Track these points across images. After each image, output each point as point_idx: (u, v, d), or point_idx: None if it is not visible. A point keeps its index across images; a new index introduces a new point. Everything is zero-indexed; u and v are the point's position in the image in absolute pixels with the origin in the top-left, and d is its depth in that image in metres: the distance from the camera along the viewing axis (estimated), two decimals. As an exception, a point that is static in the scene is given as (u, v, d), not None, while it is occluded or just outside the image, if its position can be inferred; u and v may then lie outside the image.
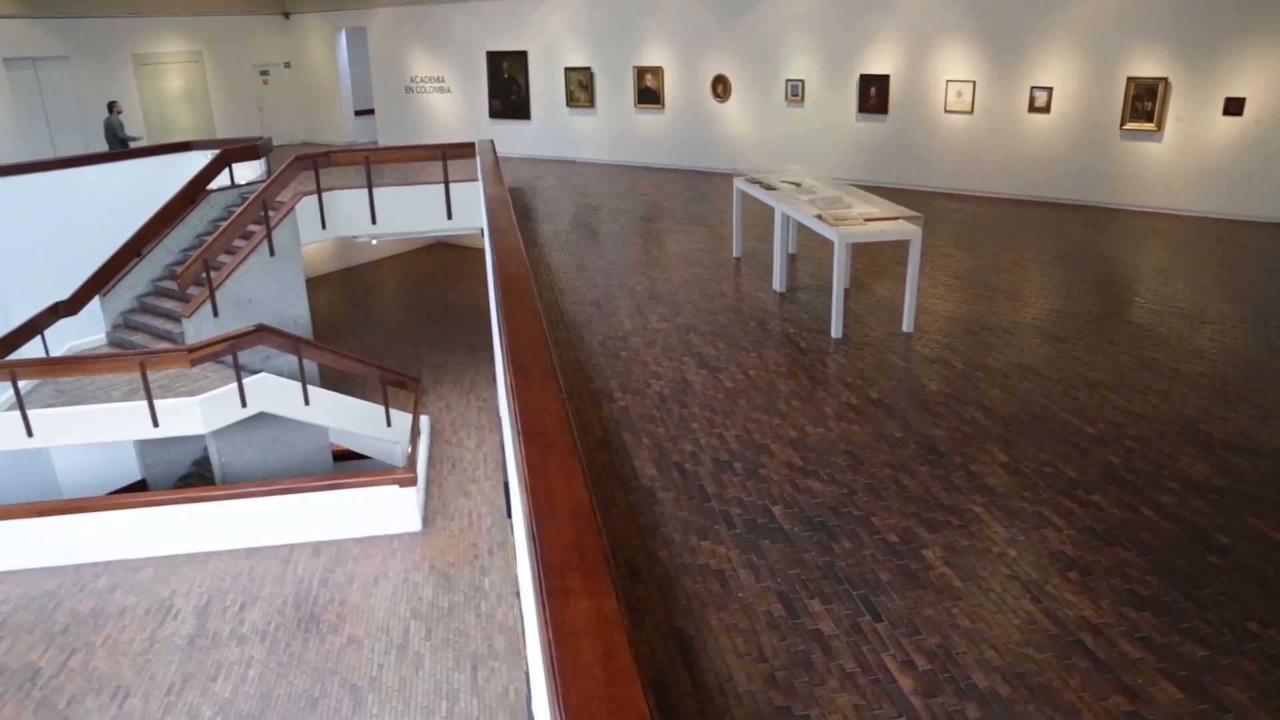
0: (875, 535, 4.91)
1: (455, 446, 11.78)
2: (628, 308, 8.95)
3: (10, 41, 18.20)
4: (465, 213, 13.05)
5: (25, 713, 7.35)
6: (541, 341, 3.98)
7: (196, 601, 8.71)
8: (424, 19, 20.45)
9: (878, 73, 14.49)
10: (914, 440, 5.98)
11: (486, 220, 8.16)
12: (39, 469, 12.57)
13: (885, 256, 10.41)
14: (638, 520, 5.13)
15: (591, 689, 2.00)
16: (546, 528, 2.54)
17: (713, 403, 6.66)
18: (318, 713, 7.21)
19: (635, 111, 17.77)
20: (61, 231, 12.91)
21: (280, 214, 11.70)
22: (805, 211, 8.50)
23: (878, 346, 7.69)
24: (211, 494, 9.71)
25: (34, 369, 9.45)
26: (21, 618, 8.59)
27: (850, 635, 4.14)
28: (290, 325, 11.66)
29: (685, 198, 14.65)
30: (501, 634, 8.04)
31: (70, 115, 19.44)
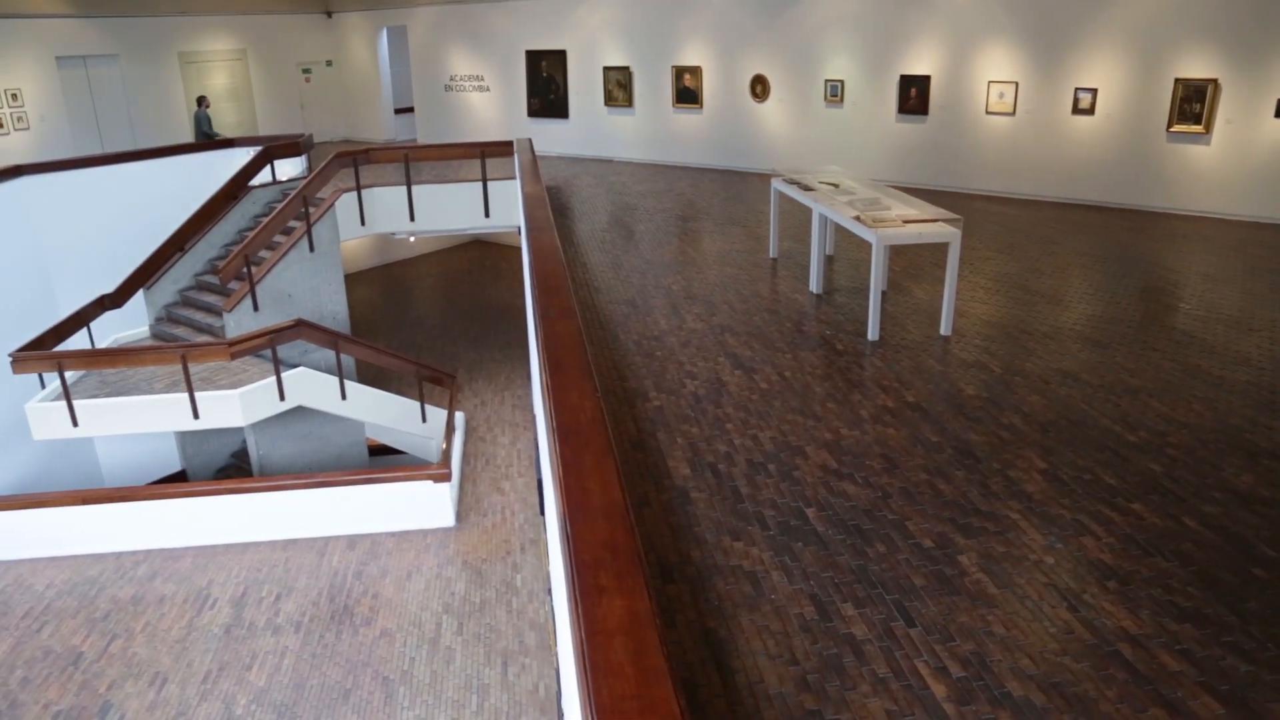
0: (910, 540, 4.86)
1: (489, 443, 11.84)
2: (663, 307, 8.95)
3: (62, 40, 18.57)
4: (503, 211, 13.12)
5: (68, 695, 7.50)
6: (577, 340, 3.98)
7: (233, 591, 8.83)
8: (464, 18, 20.57)
9: (918, 73, 14.36)
10: (950, 445, 5.92)
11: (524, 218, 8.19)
12: (83, 458, 12.82)
13: (923, 259, 10.31)
14: (671, 520, 5.13)
15: (623, 688, 2.00)
16: (580, 526, 2.54)
17: (747, 404, 6.64)
18: (350, 704, 7.28)
19: (673, 111, 17.75)
20: (108, 226, 13.15)
21: (320, 210, 11.83)
22: (843, 213, 8.44)
23: (915, 350, 7.62)
24: (249, 486, 9.83)
25: (80, 360, 9.64)
26: (65, 603, 8.76)
27: (883, 640, 4.11)
28: (329, 320, 11.78)
29: (722, 198, 14.62)
30: (532, 630, 8.07)
31: (118, 112, 19.80)
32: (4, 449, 11.00)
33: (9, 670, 7.84)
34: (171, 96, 20.56)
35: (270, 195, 13.33)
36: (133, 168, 13.80)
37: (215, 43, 21.17)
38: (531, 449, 11.49)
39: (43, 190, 12.55)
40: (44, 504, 9.63)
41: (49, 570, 9.30)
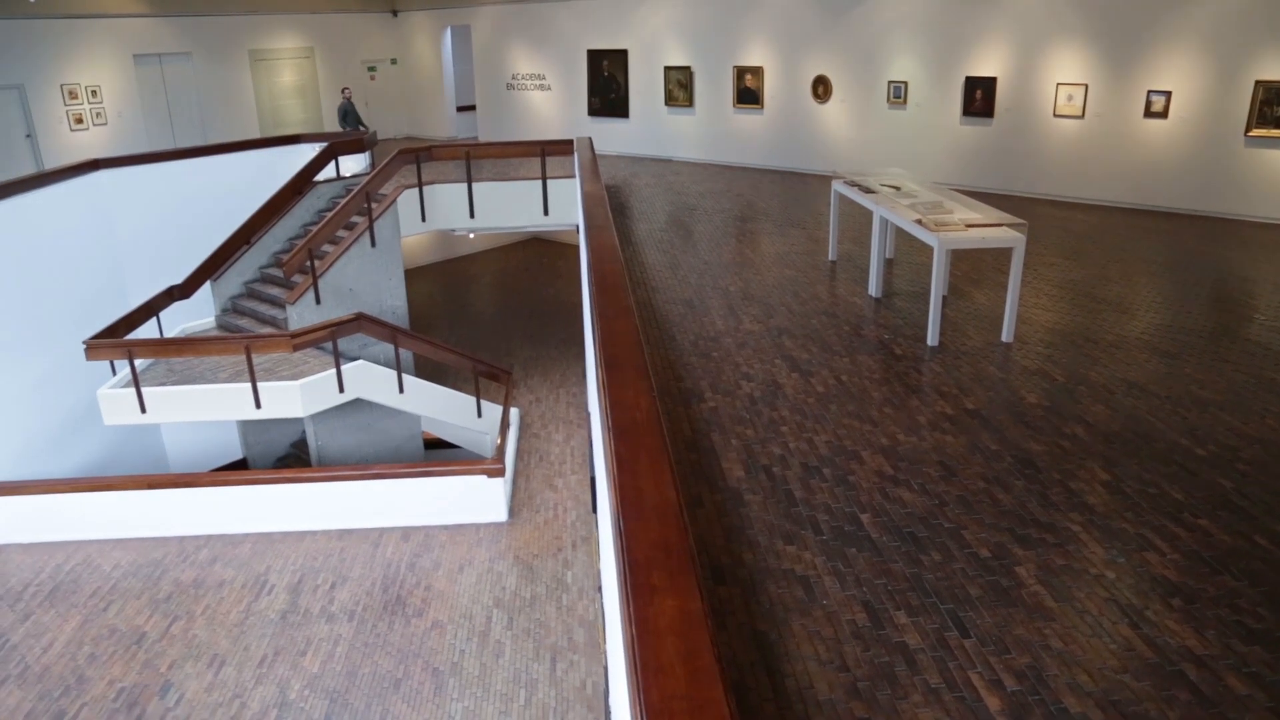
0: (966, 549, 4.78)
1: (543, 440, 11.91)
2: (720, 308, 8.91)
3: (140, 39, 19.13)
4: (562, 209, 13.19)
5: (131, 673, 7.72)
6: (634, 339, 3.98)
7: (290, 578, 9.00)
8: (527, 17, 20.73)
9: (984, 75, 14.11)
10: (1010, 453, 5.81)
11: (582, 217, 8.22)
12: (150, 444, 13.18)
13: (986, 264, 10.13)
14: (724, 521, 5.10)
15: (673, 688, 1.99)
16: (633, 524, 2.54)
17: (803, 407, 6.58)
18: (400, 693, 7.37)
19: (734, 111, 17.69)
20: (178, 219, 13.49)
21: (382, 206, 12.00)
22: (905, 216, 8.33)
23: (975, 356, 7.49)
24: (307, 475, 10.01)
25: (149, 349, 9.90)
26: (130, 583, 9.02)
27: (936, 650, 4.04)
28: (388, 315, 11.95)
29: (782, 199, 14.52)
30: (581, 627, 8.10)
31: (190, 108, 20.33)
32: (76, 433, 11.35)
33: (77, 646, 8.09)
34: (241, 93, 21.06)
35: (334, 191, 13.57)
36: (203, 162, 14.16)
37: (284, 41, 21.62)
38: (585, 446, 11.53)
39: (117, 183, 12.93)
40: (112, 487, 9.92)
41: (116, 551, 9.58)
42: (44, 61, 17.92)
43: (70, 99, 18.39)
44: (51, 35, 17.91)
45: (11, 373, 10.32)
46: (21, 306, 10.68)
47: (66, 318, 11.34)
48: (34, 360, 10.73)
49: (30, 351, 10.69)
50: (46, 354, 10.91)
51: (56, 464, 10.91)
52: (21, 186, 11.21)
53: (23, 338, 10.60)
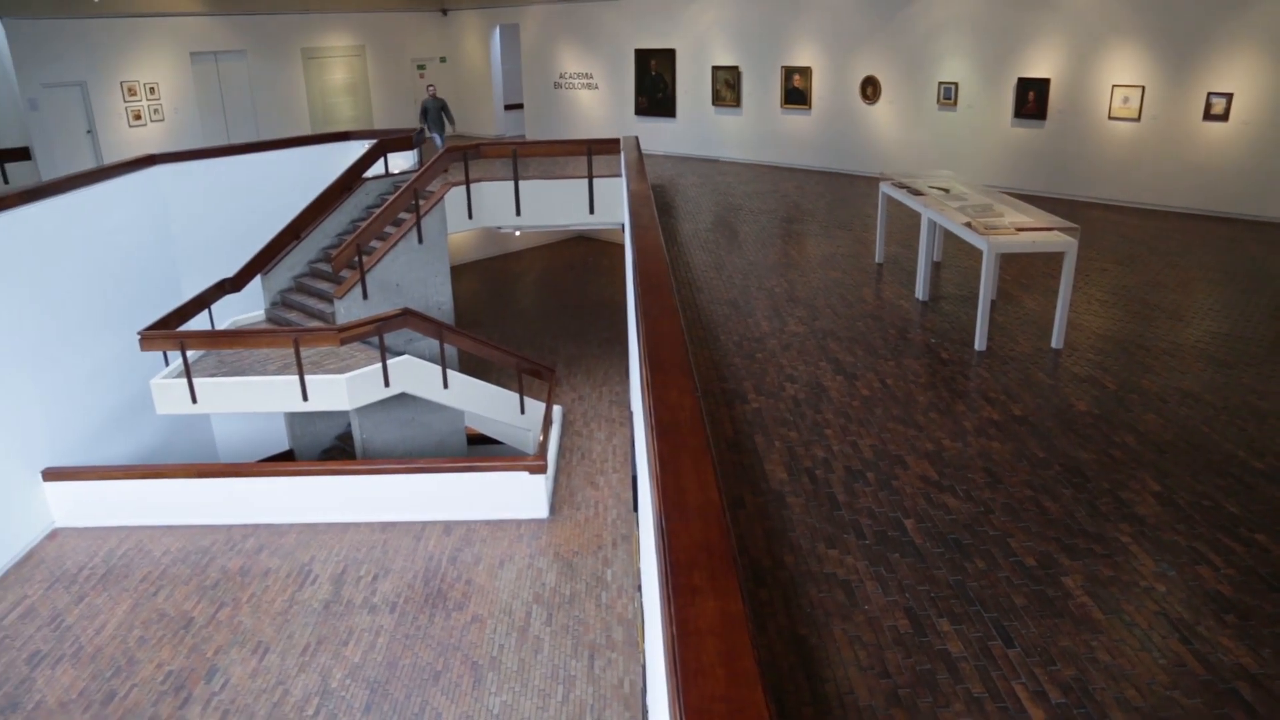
0: (1011, 557, 4.71)
1: (585, 438, 11.94)
2: (765, 309, 8.87)
3: (196, 37, 19.52)
4: (607, 208, 13.21)
5: (178, 657, 7.88)
6: (679, 338, 3.98)
7: (333, 569, 9.12)
8: (575, 16, 20.80)
9: (1037, 76, 13.89)
10: (1058, 461, 5.71)
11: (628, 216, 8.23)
12: (200, 434, 13.43)
13: (1036, 269, 9.98)
14: (765, 523, 5.08)
15: (712, 689, 1.98)
16: (675, 524, 2.53)
17: (848, 410, 6.53)
18: (439, 685, 7.44)
19: (781, 112, 17.60)
20: (231, 213, 13.73)
21: (430, 203, 12.11)
22: (954, 219, 8.23)
23: (1024, 362, 7.37)
24: (352, 468, 10.14)
25: (201, 340, 10.10)
26: (179, 570, 9.20)
27: (979, 659, 3.99)
28: (434, 310, 12.06)
29: (828, 200, 14.42)
30: (620, 625, 8.11)
31: (244, 104, 20.69)
32: (130, 422, 11.60)
33: (128, 629, 8.28)
34: (293, 90, 21.39)
35: (383, 187, 13.72)
36: (255, 158, 14.39)
37: (336, 39, 21.92)
38: (627, 445, 11.54)
39: (173, 178, 13.19)
40: (163, 475, 10.14)
41: (166, 538, 9.79)
42: (105, 59, 18.35)
43: (129, 96, 18.82)
44: (113, 34, 18.33)
45: (70, 362, 10.58)
46: (80, 297, 10.94)
47: (122, 309, 11.60)
48: (91, 350, 10.99)
49: (88, 341, 10.95)
50: (103, 344, 11.17)
51: (111, 451, 11.17)
52: (82, 181, 11.49)
53: (81, 328, 10.86)
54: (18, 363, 9.77)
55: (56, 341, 10.41)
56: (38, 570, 9.30)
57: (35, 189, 10.73)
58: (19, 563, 9.43)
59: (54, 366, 10.33)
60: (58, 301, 10.54)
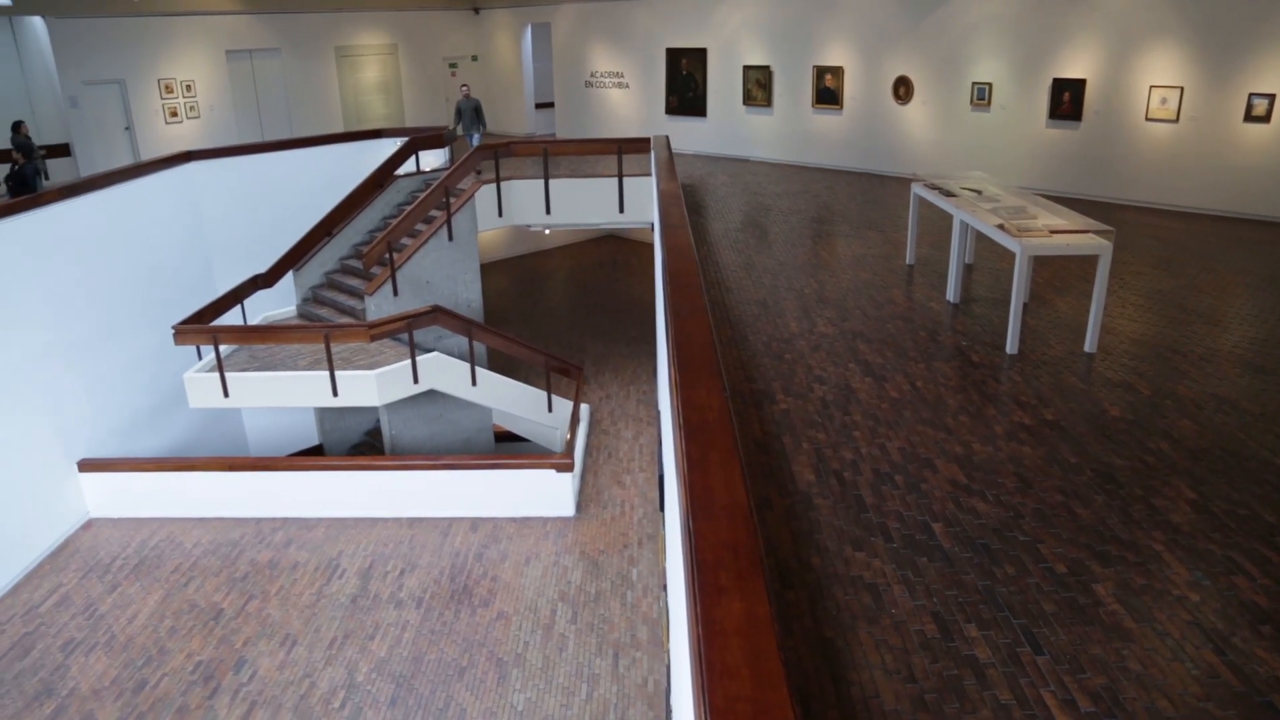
0: (1041, 563, 4.65)
1: (612, 436, 11.95)
2: (794, 309, 8.84)
3: (232, 35, 19.75)
4: (637, 207, 13.22)
5: (208, 647, 7.98)
6: (707, 338, 3.97)
7: (361, 564, 9.19)
8: (607, 15, 20.82)
9: (1073, 77, 13.73)
10: (1090, 467, 5.64)
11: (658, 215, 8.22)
12: (231, 427, 13.58)
13: (1070, 271, 9.86)
14: (792, 525, 5.06)
15: (738, 690, 1.97)
16: (702, 524, 2.53)
17: (876, 412, 6.49)
18: (464, 681, 7.48)
19: (813, 112, 17.52)
20: (264, 209, 13.87)
21: (460, 201, 12.17)
22: (986, 220, 8.15)
23: (1056, 366, 7.29)
24: (381, 464, 10.21)
25: (234, 335, 10.20)
26: (209, 561, 9.31)
27: (1007, 665, 3.94)
28: (463, 308, 12.12)
29: (859, 201, 14.34)
30: (645, 625, 8.11)
31: (278, 102, 20.90)
32: (164, 415, 11.76)
33: (159, 619, 8.39)
34: (326, 88, 21.57)
35: (414, 185, 13.80)
36: (288, 155, 14.52)
37: (369, 37, 22.08)
38: (654, 444, 11.54)
39: (208, 174, 13.35)
40: (195, 468, 10.26)
41: (197, 530, 9.91)
42: (143, 57, 18.61)
43: (166, 93, 19.07)
44: (150, 32, 18.58)
45: (106, 355, 10.74)
46: (117, 292, 11.10)
47: (157, 303, 11.75)
48: (127, 343, 11.15)
49: (124, 335, 11.11)
50: (138, 338, 11.33)
51: (144, 443, 11.33)
52: (119, 177, 11.65)
53: (117, 321, 11.02)
54: (57, 355, 9.93)
55: (94, 334, 10.58)
56: (73, 559, 9.45)
57: (74, 185, 10.90)
58: (55, 551, 9.59)
59: (91, 359, 10.49)
60: (95, 295, 10.70)
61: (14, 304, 9.39)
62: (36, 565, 9.34)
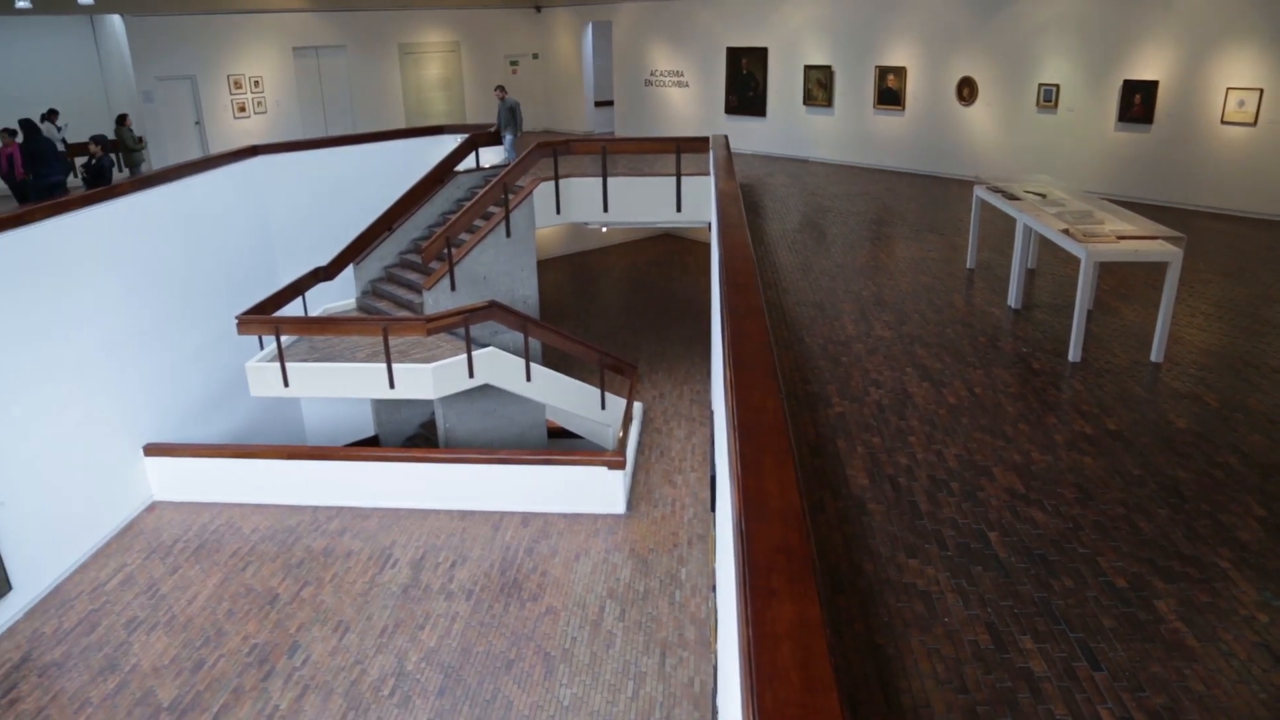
0: (1101, 577, 4.54)
1: (665, 435, 11.95)
2: (852, 312, 8.75)
3: (299, 32, 20.14)
4: (694, 206, 13.19)
5: (263, 631, 8.15)
6: (764, 339, 3.94)
7: (413, 554, 9.31)
8: (668, 13, 20.80)
9: (1144, 78, 13.38)
10: (1154, 480, 5.49)
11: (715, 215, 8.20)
12: (290, 416, 13.85)
13: (1137, 279, 9.61)
14: (845, 530, 5.01)
15: (787, 694, 1.96)
16: (755, 526, 2.51)
17: (933, 417, 6.39)
18: (511, 674, 7.54)
19: (874, 112, 17.32)
20: (327, 203, 14.13)
21: (519, 198, 12.26)
22: (1051, 225, 7.98)
23: (1120, 375, 7.11)
24: (435, 456, 10.34)
25: (294, 326, 10.41)
26: (266, 547, 9.51)
27: (1063, 679, 3.86)
28: (519, 304, 12.21)
29: (920, 203, 14.15)
30: (693, 625, 8.09)
31: (342, 98, 21.26)
32: (226, 402, 12.04)
33: (217, 602, 8.59)
34: (389, 84, 21.87)
35: (473, 181, 13.95)
36: (351, 150, 14.78)
37: (432, 35, 22.34)
38: (706, 444, 11.51)
39: (273, 168, 13.64)
40: (255, 455, 10.50)
41: (255, 516, 10.12)
42: (214, 54, 19.06)
43: (235, 89, 19.50)
44: (221, 29, 19.02)
45: (172, 343, 11.02)
46: (184, 281, 11.39)
47: (221, 293, 12.04)
48: (192, 332, 11.43)
49: (189, 324, 11.39)
50: (203, 327, 11.61)
51: (207, 430, 11.61)
52: (189, 170, 11.96)
53: (184, 310, 11.31)
54: (126, 342, 10.22)
55: (161, 323, 10.87)
56: (137, 540, 9.72)
57: (147, 177, 11.22)
58: (121, 532, 9.87)
59: (158, 347, 10.78)
60: (163, 285, 10.99)
61: (88, 292, 9.69)
62: (103, 545, 9.63)
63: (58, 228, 9.32)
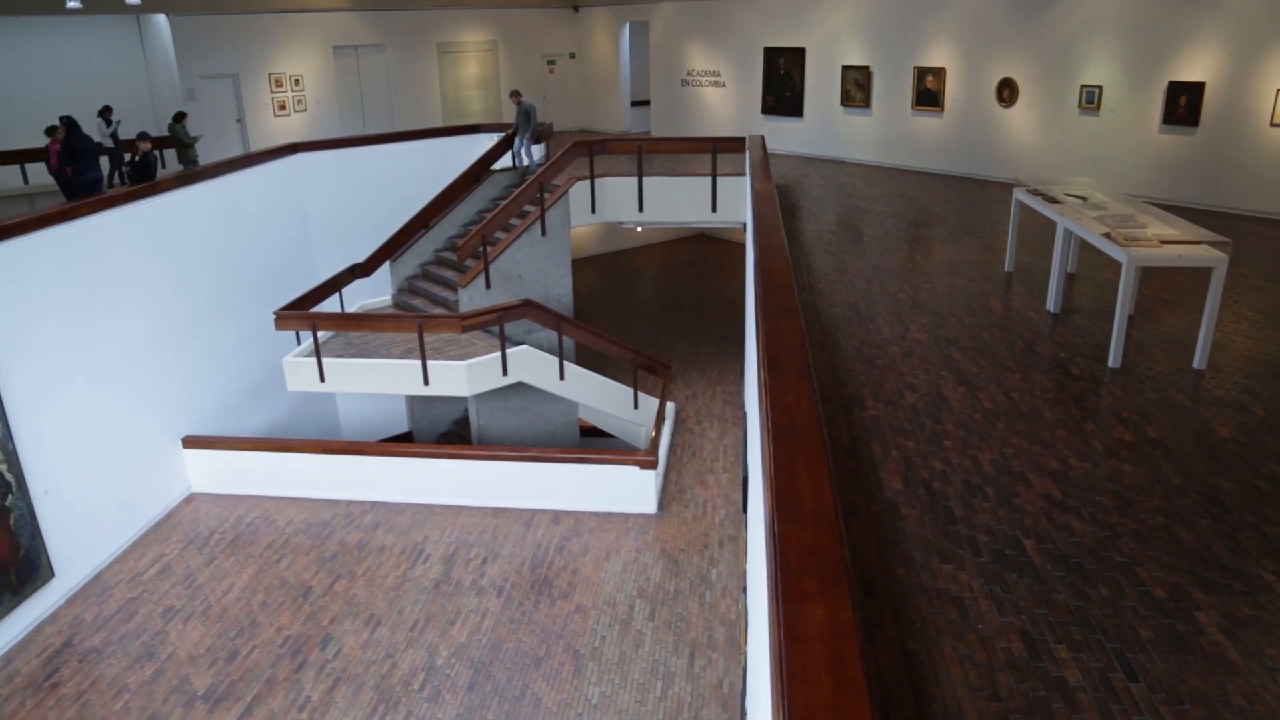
0: (1139, 587, 4.47)
1: (697, 435, 11.93)
2: (887, 315, 8.68)
3: (339, 32, 20.35)
4: (730, 206, 13.14)
5: (296, 623, 8.24)
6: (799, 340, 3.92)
7: (445, 550, 9.37)
8: (705, 13, 20.77)
9: (1190, 80, 13.14)
10: (1195, 489, 5.39)
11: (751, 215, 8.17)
12: (325, 411, 14.00)
13: (1179, 284, 9.45)
14: (878, 533, 4.97)
15: (818, 697, 1.95)
16: (788, 528, 2.50)
17: (969, 422, 6.32)
18: (540, 671, 7.56)
19: (912, 113, 17.17)
20: (364, 200, 14.25)
21: (554, 197, 12.30)
22: (1092, 229, 7.86)
23: (1161, 381, 6.99)
24: (468, 453, 10.39)
25: (331, 322, 10.51)
26: (301, 540, 9.62)
27: (1099, 690, 3.80)
28: (553, 302, 12.24)
29: (958, 205, 14.00)
30: (722, 626, 8.07)
31: (380, 96, 21.44)
32: (263, 397, 12.18)
33: (252, 593, 8.70)
34: (427, 83, 22.03)
35: (509, 180, 14.00)
36: (389, 148, 14.90)
37: (470, 34, 22.47)
38: (739, 445, 11.48)
39: (312, 166, 13.78)
40: (291, 449, 10.61)
41: (290, 509, 10.24)
42: (256, 53, 19.30)
43: (276, 87, 19.74)
44: (263, 28, 19.27)
45: (212, 337, 11.17)
46: (224, 276, 11.54)
47: (260, 289, 12.19)
48: (231, 326, 11.58)
49: (228, 318, 11.54)
50: (242, 321, 11.76)
51: (244, 423, 11.76)
52: (230, 167, 12.12)
53: (223, 305, 11.46)
54: (167, 336, 10.37)
55: (200, 317, 11.02)
56: (175, 531, 9.87)
57: (189, 174, 11.38)
58: (159, 523, 10.03)
59: (197, 341, 10.93)
60: (203, 280, 11.15)
61: (131, 287, 9.85)
62: (142, 535, 9.79)
63: (103, 223, 9.49)
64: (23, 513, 8.27)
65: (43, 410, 8.56)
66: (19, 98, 17.46)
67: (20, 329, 8.33)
